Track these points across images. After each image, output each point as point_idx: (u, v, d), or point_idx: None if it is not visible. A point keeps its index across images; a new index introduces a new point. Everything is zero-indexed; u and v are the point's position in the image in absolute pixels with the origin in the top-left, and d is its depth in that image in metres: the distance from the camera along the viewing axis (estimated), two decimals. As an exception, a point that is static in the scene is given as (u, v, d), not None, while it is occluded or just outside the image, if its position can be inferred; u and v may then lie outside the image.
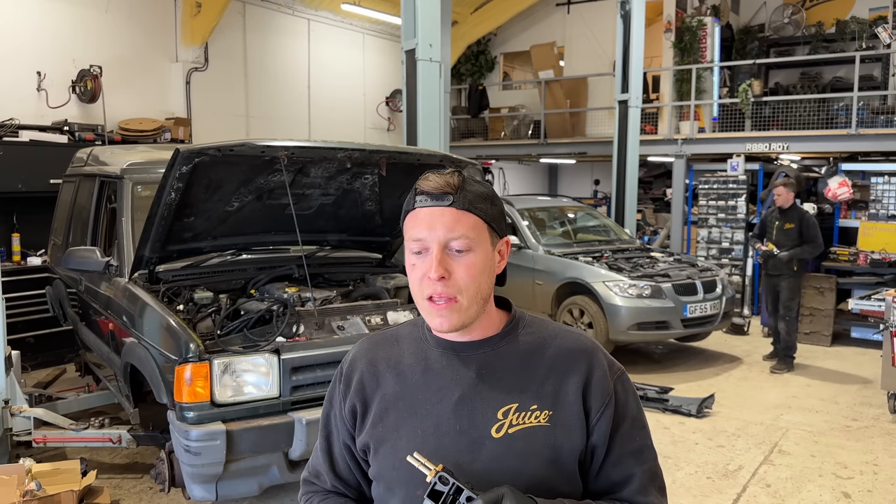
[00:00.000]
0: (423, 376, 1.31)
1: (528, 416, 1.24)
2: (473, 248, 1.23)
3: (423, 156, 4.19)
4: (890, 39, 10.72)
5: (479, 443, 1.23)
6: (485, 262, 1.25)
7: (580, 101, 12.90)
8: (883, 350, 5.89)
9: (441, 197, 1.23)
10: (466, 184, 1.25)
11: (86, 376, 5.94)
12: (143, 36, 8.91)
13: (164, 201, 3.52)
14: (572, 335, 1.34)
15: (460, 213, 1.23)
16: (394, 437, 1.28)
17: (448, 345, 1.31)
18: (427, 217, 1.24)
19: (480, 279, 1.24)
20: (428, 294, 1.23)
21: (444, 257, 1.22)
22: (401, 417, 1.29)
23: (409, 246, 1.27)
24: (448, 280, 1.21)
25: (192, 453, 3.20)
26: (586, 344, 1.32)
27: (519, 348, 1.30)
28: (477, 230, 1.24)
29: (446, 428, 1.25)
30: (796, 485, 4.50)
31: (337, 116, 11.54)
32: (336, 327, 3.76)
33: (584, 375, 1.26)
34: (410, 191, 1.30)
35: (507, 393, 1.25)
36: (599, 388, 1.26)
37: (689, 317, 7.08)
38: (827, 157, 10.65)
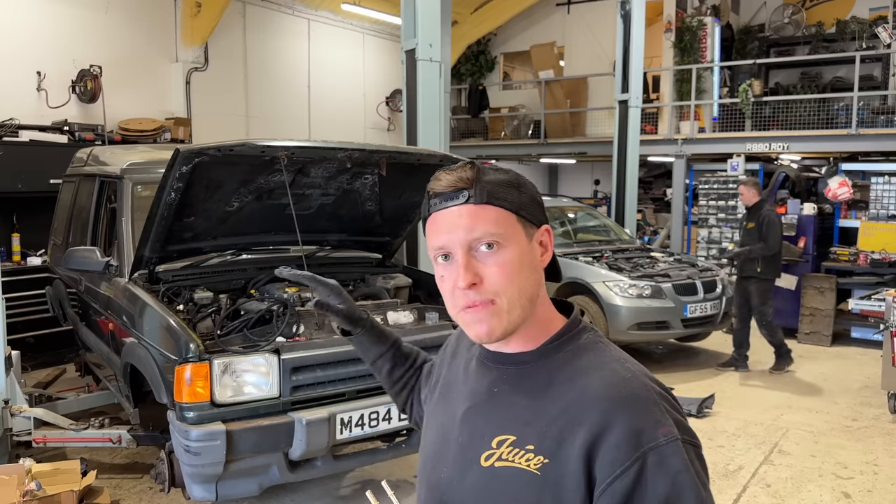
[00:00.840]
0: (462, 377, 1.24)
1: (520, 456, 1.04)
2: (503, 243, 1.07)
3: (423, 156, 4.19)
4: (890, 39, 10.72)
5: (469, 465, 1.11)
6: (520, 257, 1.08)
7: (580, 101, 12.90)
8: (883, 350, 5.89)
9: (454, 195, 1.09)
10: (482, 174, 1.10)
11: (86, 376, 5.94)
12: (143, 36, 8.92)
13: (164, 201, 3.52)
14: (614, 375, 1.05)
15: (479, 209, 1.07)
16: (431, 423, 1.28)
17: (484, 352, 1.19)
18: (444, 220, 1.09)
19: (519, 278, 1.07)
20: (462, 305, 1.08)
21: (470, 261, 1.06)
22: (436, 408, 1.28)
23: (432, 255, 1.12)
24: (480, 286, 1.06)
25: (192, 453, 3.20)
26: (623, 393, 1.02)
27: (548, 373, 1.09)
28: (503, 223, 1.08)
29: (454, 436, 1.16)
30: (796, 485, 4.50)
31: (337, 116, 11.54)
32: (336, 327, 3.76)
33: (593, 433, 0.98)
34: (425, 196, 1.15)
35: (511, 421, 1.08)
36: (613, 453, 0.97)
37: (690, 317, 7.08)
38: (827, 157, 10.65)
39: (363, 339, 1.55)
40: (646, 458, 0.96)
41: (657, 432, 0.98)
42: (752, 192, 7.11)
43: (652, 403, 1.01)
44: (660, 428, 0.98)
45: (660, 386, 1.06)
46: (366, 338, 1.55)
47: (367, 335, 1.54)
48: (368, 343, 1.55)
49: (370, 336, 1.54)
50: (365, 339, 1.55)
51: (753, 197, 7.10)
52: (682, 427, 1.01)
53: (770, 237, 6.86)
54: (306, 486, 4.29)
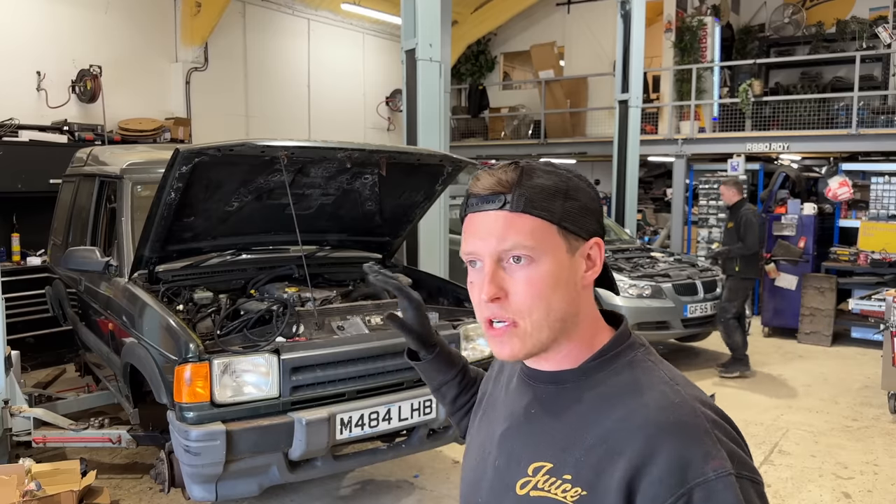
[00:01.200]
0: (503, 394, 1.17)
1: (556, 486, 0.96)
2: (536, 258, 0.98)
3: (423, 156, 4.19)
4: (890, 39, 10.72)
5: (505, 492, 1.03)
6: (555, 274, 0.98)
7: (580, 101, 12.90)
8: (883, 350, 5.90)
9: (490, 199, 1.00)
10: (526, 178, 1.00)
11: (85, 376, 5.94)
12: (143, 36, 8.91)
13: (164, 201, 3.52)
14: (662, 399, 0.95)
15: (515, 217, 0.98)
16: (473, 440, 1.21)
17: (524, 369, 1.11)
18: (478, 224, 1.01)
19: (551, 296, 0.98)
20: (485, 317, 1.01)
21: (497, 273, 0.99)
22: (479, 427, 1.20)
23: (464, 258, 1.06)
24: (504, 301, 0.99)
25: (191, 453, 3.20)
26: (669, 417, 0.92)
27: (591, 395, 1.01)
28: (539, 236, 0.98)
29: (490, 458, 1.10)
30: (796, 485, 4.50)
31: (337, 116, 11.54)
32: (336, 327, 3.76)
33: (635, 465, 0.90)
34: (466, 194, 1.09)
35: (547, 447, 1.00)
36: (655, 489, 0.88)
37: (690, 317, 7.08)
38: (827, 157, 10.65)
39: (430, 364, 1.40)
40: (692, 494, 0.87)
41: (706, 466, 0.88)
42: (731, 192, 7.10)
43: (702, 432, 0.91)
44: (710, 461, 0.88)
45: (714, 412, 0.96)
46: (434, 363, 1.40)
47: (435, 361, 1.40)
48: (435, 369, 1.41)
49: (438, 362, 1.40)
50: (433, 364, 1.40)
51: (734, 196, 7.08)
52: (738, 460, 0.92)
53: (747, 237, 6.86)
54: (306, 486, 4.29)
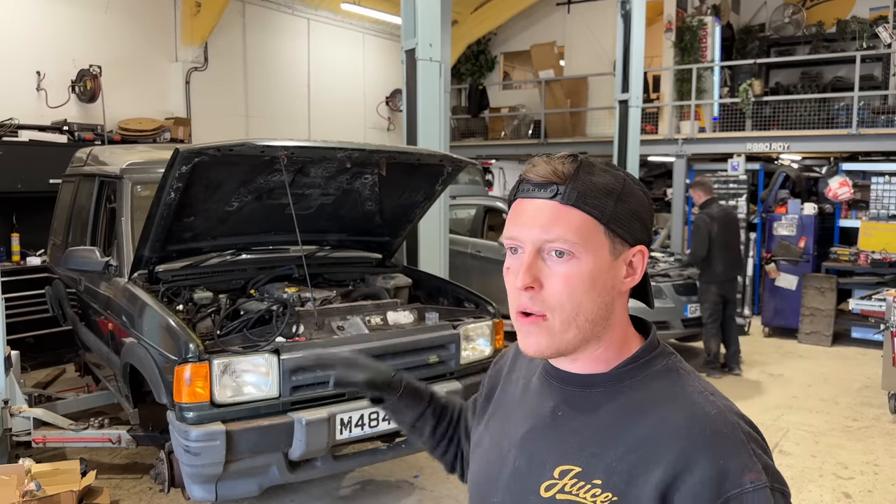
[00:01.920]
0: (521, 394, 1.14)
1: (585, 490, 0.95)
2: (578, 254, 0.96)
3: (423, 156, 4.19)
4: (890, 39, 10.71)
5: (526, 494, 1.01)
6: (594, 274, 0.96)
7: (580, 100, 12.90)
8: (883, 350, 5.90)
9: (543, 187, 0.98)
10: (582, 172, 0.98)
11: (85, 376, 5.94)
12: (143, 36, 8.91)
13: (164, 201, 3.52)
14: (696, 409, 0.94)
15: (564, 210, 0.96)
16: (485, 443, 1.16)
17: (548, 368, 1.08)
18: (525, 210, 0.99)
19: (584, 296, 0.96)
20: (517, 307, 0.99)
21: (535, 262, 0.97)
22: (490, 425, 1.17)
23: (504, 242, 1.03)
24: (537, 293, 0.97)
25: (191, 453, 3.20)
26: (706, 430, 0.91)
27: (620, 401, 0.99)
28: (585, 233, 0.96)
29: (509, 458, 1.07)
30: (797, 485, 4.50)
31: (337, 116, 11.54)
32: (336, 327, 3.76)
33: (672, 474, 0.89)
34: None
35: (577, 450, 0.98)
36: (692, 499, 0.88)
37: (690, 317, 7.08)
38: (827, 156, 10.65)
39: (399, 403, 1.38)
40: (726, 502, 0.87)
41: (743, 477, 0.89)
42: (697, 193, 7.05)
43: (739, 444, 0.91)
44: (746, 473, 0.89)
45: (748, 424, 0.96)
46: (402, 402, 1.38)
47: (403, 399, 1.38)
48: (404, 406, 1.38)
49: (406, 398, 1.38)
50: (401, 402, 1.38)
51: (700, 197, 7.02)
52: (772, 473, 0.93)
53: (694, 243, 6.86)
54: (306, 486, 4.29)
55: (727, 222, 6.91)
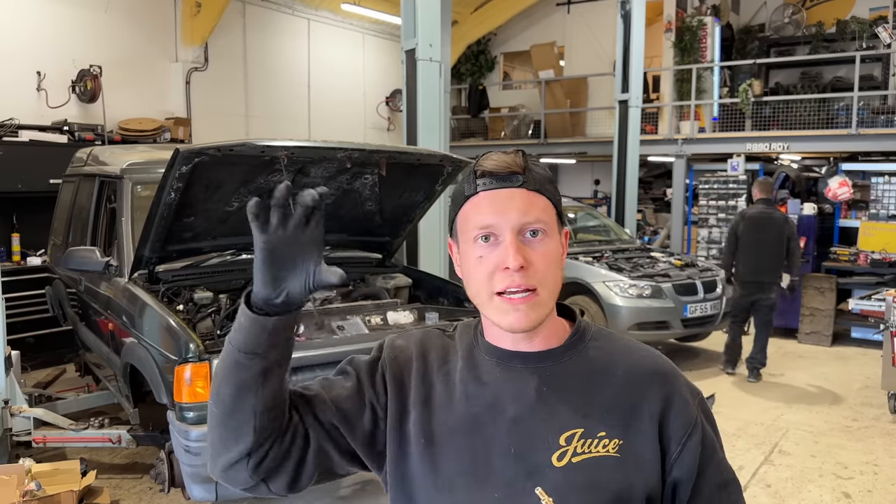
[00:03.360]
0: (475, 387, 1.12)
1: (595, 445, 1.06)
2: (548, 232, 1.07)
3: (423, 156, 4.19)
4: (890, 39, 10.72)
5: (538, 471, 1.05)
6: (557, 250, 1.10)
7: (580, 101, 12.90)
8: (883, 350, 5.90)
9: (509, 177, 1.07)
10: (531, 163, 1.10)
11: (86, 376, 5.94)
12: (143, 36, 8.91)
13: (164, 201, 3.52)
14: (647, 354, 1.17)
15: (532, 195, 1.07)
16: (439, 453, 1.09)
17: (503, 354, 1.13)
18: (494, 200, 1.06)
19: (557, 270, 1.09)
20: (502, 287, 1.04)
21: (519, 244, 1.05)
22: (448, 431, 1.10)
23: (469, 235, 1.07)
24: (528, 270, 1.04)
25: (191, 453, 3.20)
26: (664, 366, 1.15)
27: (585, 364, 1.12)
28: (549, 214, 1.09)
29: (500, 449, 1.07)
30: (797, 485, 4.50)
31: (337, 116, 11.54)
32: (336, 327, 3.76)
33: (662, 402, 1.10)
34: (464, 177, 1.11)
35: (571, 416, 1.08)
36: (682, 416, 1.10)
37: (690, 317, 7.08)
38: (827, 157, 10.65)
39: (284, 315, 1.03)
40: (698, 411, 1.12)
41: (694, 390, 1.15)
42: (754, 191, 7.04)
43: (679, 371, 1.16)
44: (694, 387, 1.15)
45: None
46: (286, 317, 1.03)
47: (289, 313, 1.04)
48: (282, 324, 1.03)
49: (290, 317, 1.04)
50: (285, 317, 1.03)
51: (754, 196, 7.03)
52: None
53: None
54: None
55: (761, 224, 6.72)
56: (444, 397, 1.13)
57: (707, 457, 1.10)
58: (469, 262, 1.08)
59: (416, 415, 1.12)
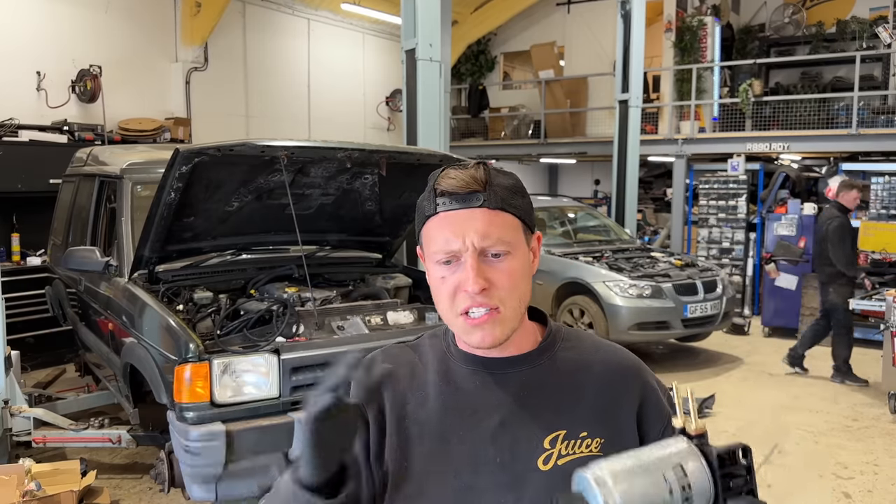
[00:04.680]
0: (453, 397, 1.11)
1: (579, 445, 1.06)
2: (512, 251, 1.05)
3: (423, 156, 4.19)
4: (890, 39, 10.72)
5: (524, 477, 1.05)
6: (524, 265, 1.08)
7: (580, 101, 12.90)
8: (883, 350, 5.90)
9: (468, 197, 1.04)
10: (493, 177, 1.06)
11: (85, 376, 5.94)
12: (143, 36, 8.91)
13: (164, 201, 3.52)
14: (616, 351, 1.18)
15: (493, 214, 1.04)
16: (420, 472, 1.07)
17: (479, 361, 1.11)
18: (454, 222, 1.04)
19: (522, 286, 1.07)
20: (463, 308, 1.04)
21: (480, 266, 1.03)
22: (426, 448, 1.08)
23: (432, 258, 1.07)
24: (489, 291, 1.03)
25: (191, 453, 3.20)
26: (633, 361, 1.18)
27: (560, 366, 1.13)
28: (513, 230, 1.06)
29: (484, 459, 1.06)
30: (797, 485, 4.49)
31: (337, 116, 11.54)
32: (336, 327, 3.76)
33: (638, 397, 1.12)
34: (426, 190, 1.08)
35: (553, 418, 1.08)
36: (656, 410, 1.12)
37: (690, 317, 7.07)
38: (827, 157, 10.65)
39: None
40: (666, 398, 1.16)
41: (662, 384, 1.18)
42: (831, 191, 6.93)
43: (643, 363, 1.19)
44: (659, 380, 1.19)
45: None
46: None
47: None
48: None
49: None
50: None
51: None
52: None
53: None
54: (306, 487, 4.28)
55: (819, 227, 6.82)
56: (418, 412, 1.10)
57: None
58: (433, 280, 1.08)
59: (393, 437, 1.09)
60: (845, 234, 6.59)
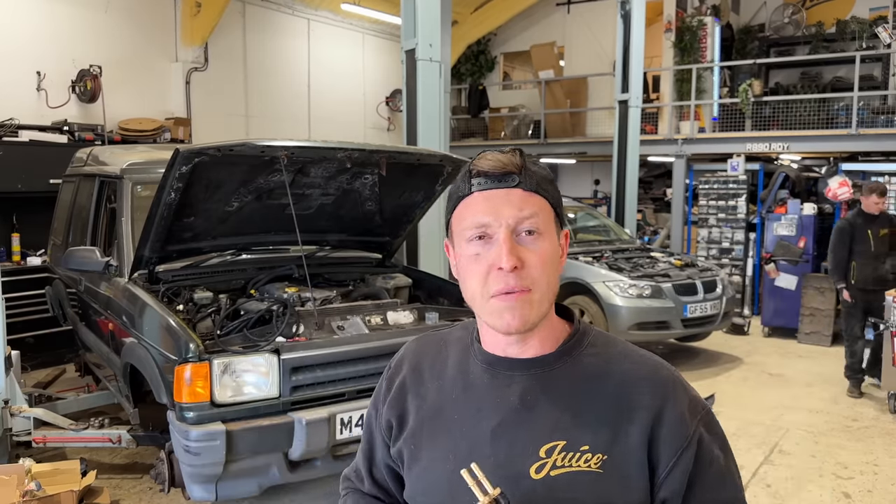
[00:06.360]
0: (462, 392, 1.12)
1: (577, 458, 1.02)
2: (544, 233, 1.05)
3: (423, 156, 4.19)
4: (890, 39, 10.72)
5: (516, 481, 1.03)
6: (554, 251, 1.07)
7: (580, 101, 12.90)
8: (883, 350, 5.90)
9: (504, 178, 1.05)
10: (529, 163, 1.07)
11: (86, 376, 5.94)
12: (143, 36, 8.91)
13: (164, 201, 3.52)
14: (646, 361, 1.10)
15: (528, 195, 1.05)
16: (426, 458, 1.12)
17: (494, 360, 1.11)
18: (489, 200, 1.04)
19: (552, 272, 1.06)
20: (496, 290, 1.03)
21: (513, 244, 1.02)
22: (434, 436, 1.12)
23: (464, 235, 1.06)
24: (521, 270, 1.02)
25: (191, 453, 3.20)
26: (662, 374, 1.09)
27: (577, 372, 1.08)
28: (546, 215, 1.06)
29: (480, 456, 1.06)
30: (797, 485, 4.50)
31: (337, 116, 11.54)
32: (336, 327, 3.76)
33: (653, 415, 1.03)
34: (459, 176, 1.10)
35: (555, 427, 1.04)
36: (674, 432, 1.03)
37: (690, 317, 7.07)
38: (827, 157, 10.65)
39: None
40: (699, 427, 1.05)
41: (698, 405, 1.08)
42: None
43: (682, 380, 1.11)
44: (699, 401, 1.09)
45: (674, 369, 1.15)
46: None
47: None
48: None
49: None
50: None
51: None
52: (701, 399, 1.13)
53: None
54: (306, 487, 4.28)
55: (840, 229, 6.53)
56: (434, 402, 1.15)
57: (700, 476, 1.03)
58: (464, 261, 1.07)
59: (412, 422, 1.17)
60: (843, 238, 6.41)
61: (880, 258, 6.26)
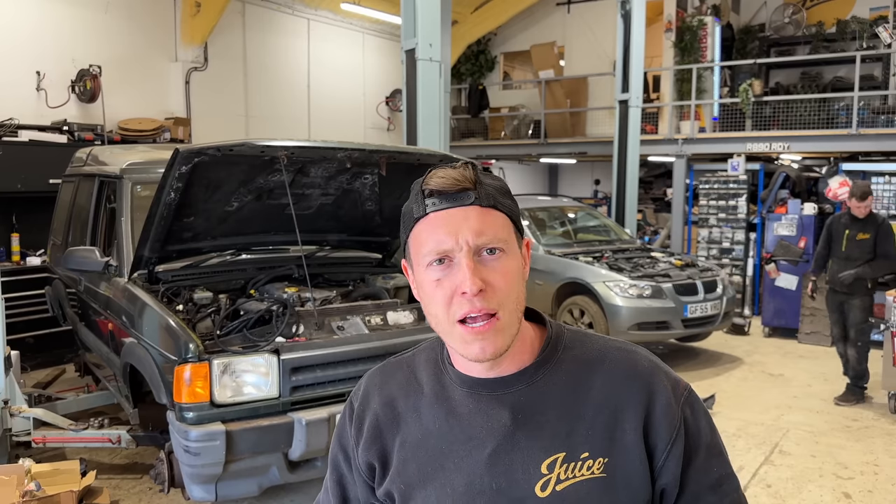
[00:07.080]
0: (446, 422, 1.08)
1: (579, 468, 1.01)
2: (506, 249, 1.01)
3: (423, 156, 4.19)
4: (890, 39, 10.71)
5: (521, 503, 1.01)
6: (518, 266, 1.03)
7: (580, 100, 12.90)
8: (883, 350, 5.90)
9: (459, 196, 1.01)
10: (482, 176, 1.04)
11: (85, 376, 5.94)
12: (143, 36, 8.91)
13: (164, 201, 3.52)
14: (624, 355, 1.09)
15: (486, 212, 1.01)
16: (420, 498, 1.07)
17: (474, 382, 1.07)
18: (446, 221, 1.00)
19: (518, 288, 1.02)
20: (462, 314, 0.99)
21: (476, 266, 0.98)
22: (424, 473, 1.07)
23: (423, 260, 1.02)
24: (486, 293, 0.98)
25: (191, 454, 3.19)
26: (643, 365, 1.08)
27: (560, 380, 1.06)
28: (506, 230, 1.02)
29: (480, 486, 1.03)
30: (797, 485, 4.49)
31: (337, 116, 11.54)
32: (336, 327, 3.76)
33: (644, 408, 1.03)
34: (412, 195, 1.06)
35: (551, 440, 1.02)
36: (665, 419, 1.04)
37: (690, 317, 7.07)
38: (827, 156, 10.65)
39: None
40: (684, 409, 1.06)
41: (679, 386, 1.09)
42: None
43: (660, 365, 1.11)
44: (678, 382, 1.09)
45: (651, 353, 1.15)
46: None
47: None
48: None
49: None
50: None
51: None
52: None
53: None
54: (306, 487, 4.28)
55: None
56: (417, 435, 1.10)
57: (692, 457, 1.05)
58: (426, 287, 1.03)
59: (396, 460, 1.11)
60: (824, 233, 6.43)
61: (851, 261, 6.14)
